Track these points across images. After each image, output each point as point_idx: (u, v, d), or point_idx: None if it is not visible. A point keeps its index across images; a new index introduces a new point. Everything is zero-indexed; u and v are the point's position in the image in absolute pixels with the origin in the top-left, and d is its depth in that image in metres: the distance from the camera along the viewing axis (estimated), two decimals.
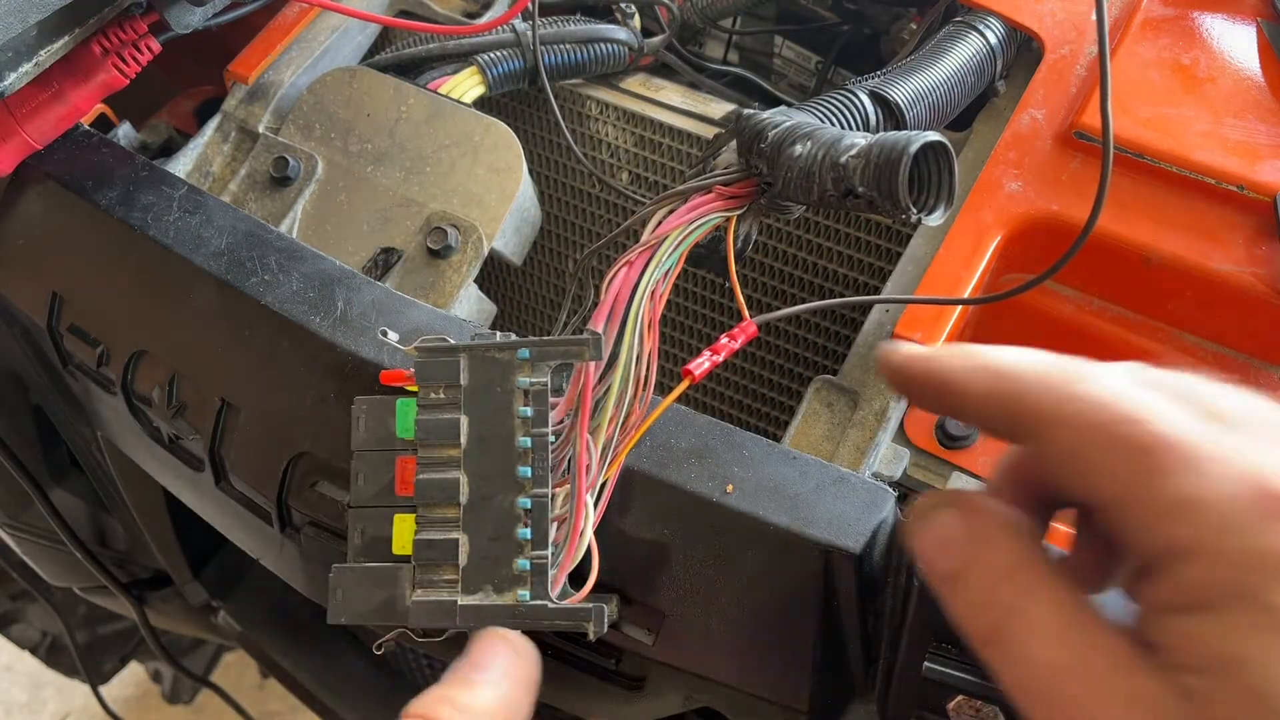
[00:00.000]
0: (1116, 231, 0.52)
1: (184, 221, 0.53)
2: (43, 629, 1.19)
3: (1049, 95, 0.58)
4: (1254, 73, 0.57)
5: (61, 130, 0.56)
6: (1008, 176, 0.55)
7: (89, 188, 0.55)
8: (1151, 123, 0.54)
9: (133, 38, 0.55)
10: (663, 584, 0.42)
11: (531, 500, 0.38)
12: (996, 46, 0.60)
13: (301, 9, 0.68)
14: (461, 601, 0.38)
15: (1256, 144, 0.53)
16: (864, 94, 0.52)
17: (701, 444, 0.43)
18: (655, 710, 0.49)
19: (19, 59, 0.50)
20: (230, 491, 0.53)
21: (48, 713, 1.53)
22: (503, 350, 0.39)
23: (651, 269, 0.41)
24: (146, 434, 0.56)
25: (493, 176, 0.60)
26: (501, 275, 0.78)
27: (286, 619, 0.81)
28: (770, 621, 0.42)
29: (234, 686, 1.34)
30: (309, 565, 0.52)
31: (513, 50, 0.65)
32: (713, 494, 0.42)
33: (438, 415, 0.39)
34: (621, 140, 0.68)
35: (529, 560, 0.37)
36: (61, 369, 0.59)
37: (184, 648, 1.22)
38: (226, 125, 0.66)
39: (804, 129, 0.44)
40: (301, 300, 0.49)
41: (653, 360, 0.40)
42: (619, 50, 0.68)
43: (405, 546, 0.39)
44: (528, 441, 0.38)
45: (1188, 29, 0.60)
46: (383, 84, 0.63)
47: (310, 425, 0.47)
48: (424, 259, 0.58)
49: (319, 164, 0.62)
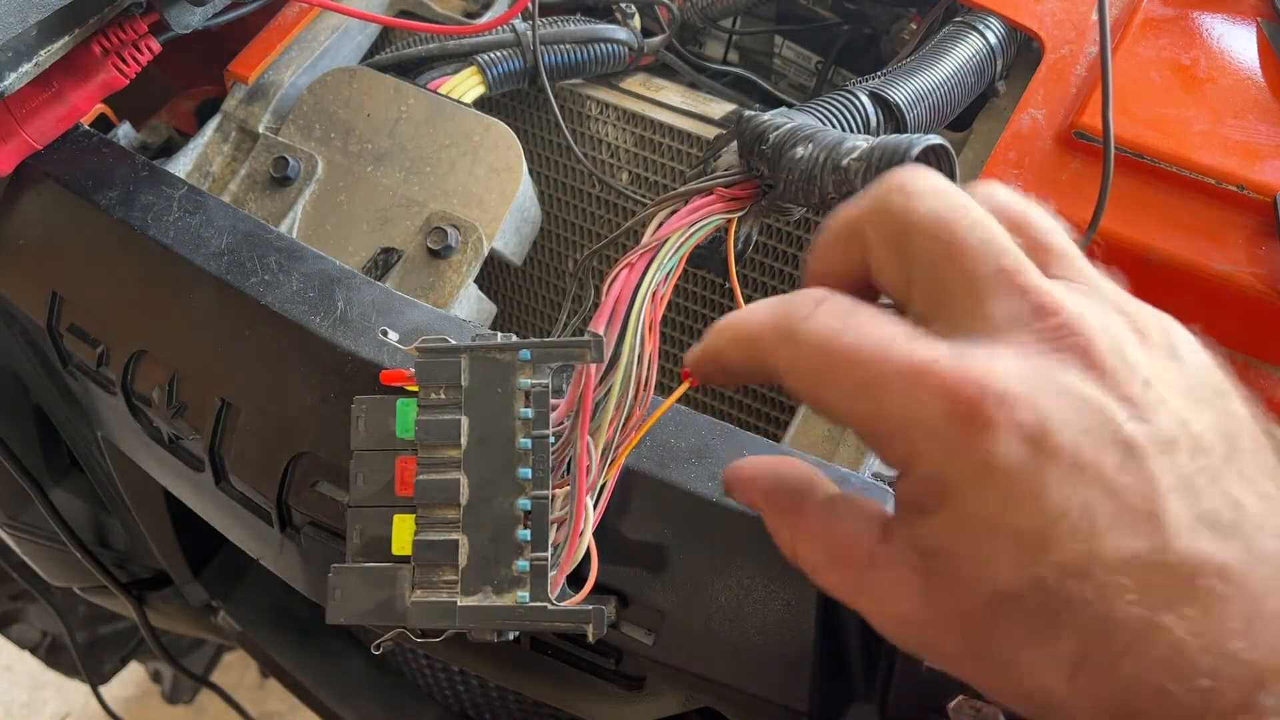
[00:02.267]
0: (1116, 231, 0.52)
1: (184, 221, 0.53)
2: (43, 629, 1.19)
3: (1049, 95, 0.58)
4: (1254, 73, 0.57)
5: (61, 130, 0.56)
6: (1008, 176, 0.55)
7: (89, 188, 0.55)
8: (1151, 123, 0.54)
9: (133, 38, 0.55)
10: (662, 584, 0.42)
11: (531, 502, 0.38)
12: (996, 46, 0.60)
13: (301, 9, 0.68)
14: (461, 602, 0.38)
15: (1256, 144, 0.53)
16: (864, 95, 0.52)
17: (702, 444, 0.43)
18: (655, 710, 0.49)
19: (19, 59, 0.50)
20: (230, 491, 0.53)
21: (48, 713, 1.53)
22: (504, 351, 0.39)
23: (653, 271, 0.41)
24: (146, 434, 0.56)
25: (493, 176, 0.60)
26: (501, 275, 0.78)
27: (286, 619, 0.80)
28: (770, 621, 0.42)
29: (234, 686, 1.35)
30: (309, 565, 0.52)
31: (513, 50, 0.65)
32: (713, 494, 0.42)
33: (438, 416, 0.39)
34: (621, 140, 0.68)
35: (529, 562, 0.37)
36: (61, 369, 0.59)
37: (184, 648, 1.22)
38: (226, 125, 0.66)
39: (805, 131, 0.44)
40: (301, 300, 0.49)
41: (654, 362, 0.40)
42: (619, 50, 0.68)
43: (405, 547, 0.39)
44: (528, 443, 0.38)
45: (1188, 29, 0.60)
46: (383, 84, 0.63)
47: (310, 425, 0.47)
48: (424, 259, 0.58)
49: (319, 164, 0.62)
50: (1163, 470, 0.26)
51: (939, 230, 0.28)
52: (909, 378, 0.27)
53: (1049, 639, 0.26)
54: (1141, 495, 0.25)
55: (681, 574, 0.42)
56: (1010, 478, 0.25)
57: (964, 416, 0.26)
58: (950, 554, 0.27)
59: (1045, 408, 0.26)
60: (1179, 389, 0.27)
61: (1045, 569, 0.25)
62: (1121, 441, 0.26)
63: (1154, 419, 0.26)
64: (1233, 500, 0.26)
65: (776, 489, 0.34)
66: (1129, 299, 0.30)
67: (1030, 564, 0.25)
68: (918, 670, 0.40)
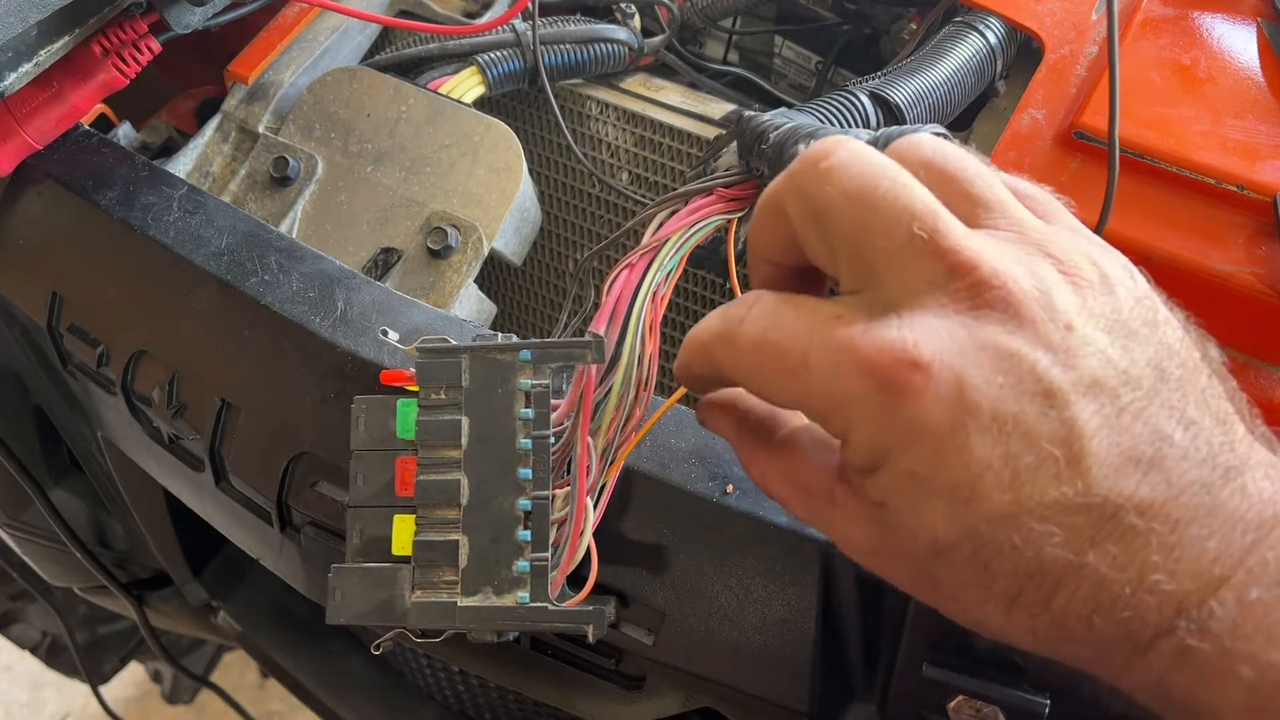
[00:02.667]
0: (1117, 231, 0.52)
1: (184, 221, 0.53)
2: (43, 629, 1.19)
3: (1049, 95, 0.58)
4: (1254, 73, 0.57)
5: (61, 130, 0.56)
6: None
7: (89, 188, 0.55)
8: (1152, 123, 0.54)
9: (133, 38, 0.55)
10: (662, 584, 0.42)
11: (532, 502, 0.38)
12: (996, 46, 0.60)
13: (301, 9, 0.68)
14: (461, 603, 0.38)
15: (1256, 144, 0.53)
16: (865, 95, 0.52)
17: (701, 444, 0.43)
18: (655, 710, 0.49)
19: (19, 59, 0.50)
20: (230, 491, 0.53)
21: (48, 713, 1.53)
22: (504, 352, 0.39)
23: (653, 271, 0.41)
24: (146, 434, 0.56)
25: (493, 176, 0.60)
26: (501, 275, 0.78)
27: (286, 619, 0.80)
28: (770, 621, 0.42)
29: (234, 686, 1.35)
30: (309, 565, 0.52)
31: (513, 50, 0.65)
32: (713, 494, 0.42)
33: (439, 416, 0.39)
34: (621, 140, 0.68)
35: (529, 562, 0.37)
36: (61, 369, 0.59)
37: (184, 648, 1.22)
38: (226, 125, 0.66)
39: (805, 130, 0.44)
40: (301, 300, 0.49)
41: (654, 362, 0.40)
42: (619, 50, 0.68)
43: (405, 547, 0.39)
44: (528, 443, 0.38)
45: (1188, 29, 0.60)
46: (383, 84, 0.63)
47: (310, 425, 0.47)
48: (424, 259, 0.58)
49: (319, 164, 0.62)
50: (1086, 414, 0.27)
51: (852, 203, 0.29)
52: (831, 359, 0.28)
53: (984, 581, 0.28)
54: (1063, 441, 0.26)
55: (681, 574, 0.42)
56: (936, 437, 0.27)
57: (885, 387, 0.27)
58: (893, 507, 0.29)
59: (961, 367, 0.27)
60: (1108, 325, 0.28)
61: (975, 520, 0.27)
62: (1042, 391, 0.27)
63: (1077, 363, 0.27)
64: (1158, 433, 0.27)
65: (745, 421, 0.36)
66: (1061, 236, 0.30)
67: (962, 516, 0.27)
68: (918, 670, 0.40)
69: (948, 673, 0.40)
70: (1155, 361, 0.28)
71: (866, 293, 0.29)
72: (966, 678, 0.40)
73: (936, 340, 0.27)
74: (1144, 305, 0.29)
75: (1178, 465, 0.26)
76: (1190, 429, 0.27)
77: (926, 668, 0.40)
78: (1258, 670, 0.25)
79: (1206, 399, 0.28)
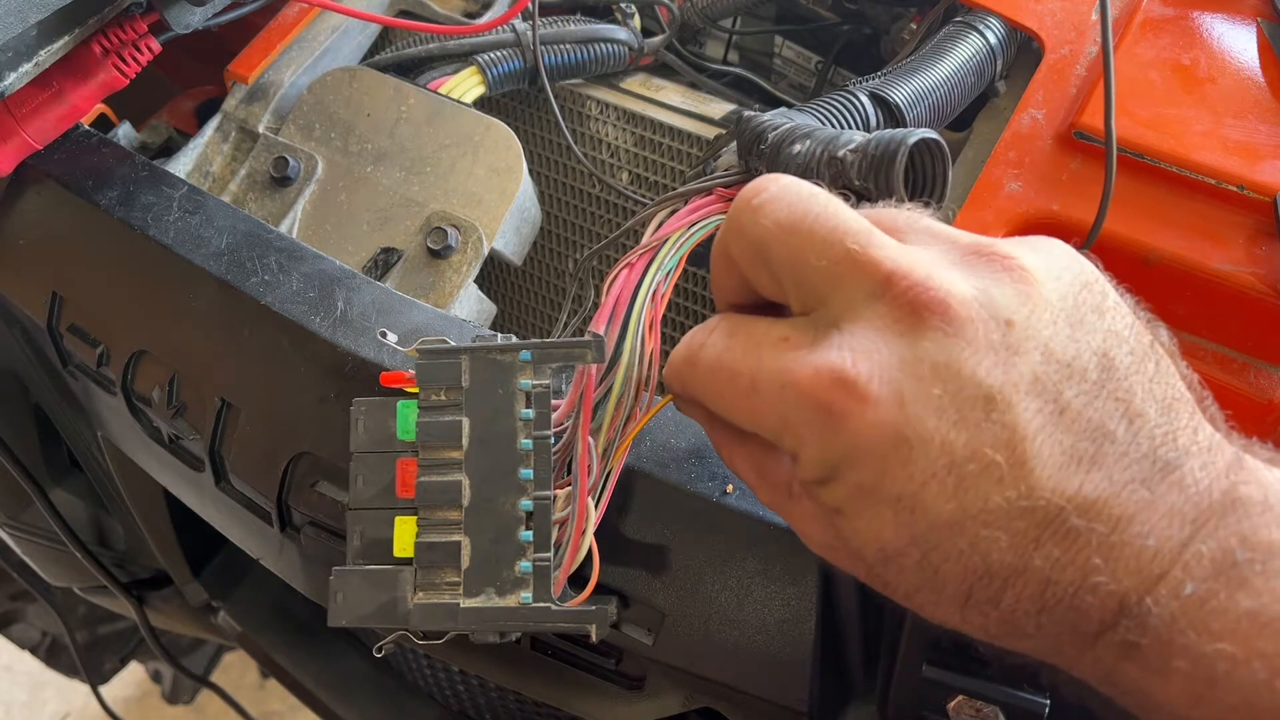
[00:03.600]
0: (1117, 231, 0.52)
1: (184, 221, 0.53)
2: (43, 629, 1.18)
3: (1049, 95, 0.58)
4: (1254, 73, 0.57)
5: (61, 130, 0.56)
6: (1008, 177, 0.55)
7: (89, 188, 0.55)
8: (1152, 123, 0.54)
9: (133, 38, 0.55)
10: (663, 584, 0.43)
11: (533, 503, 0.38)
12: (996, 46, 0.60)
13: (301, 9, 0.68)
14: (464, 604, 0.38)
15: (1256, 144, 0.53)
16: (864, 95, 0.52)
17: (701, 444, 0.43)
18: (655, 710, 0.49)
19: (19, 59, 0.50)
20: (230, 491, 0.53)
21: (48, 713, 1.53)
22: (504, 352, 0.39)
23: (653, 271, 0.41)
24: (146, 434, 0.56)
25: (493, 176, 0.60)
26: (501, 275, 0.78)
27: (286, 619, 0.80)
28: (770, 621, 0.42)
29: (234, 686, 1.35)
30: (309, 565, 0.52)
31: (513, 50, 0.65)
32: (713, 494, 0.42)
33: (439, 417, 0.39)
34: (621, 140, 0.68)
35: (531, 562, 0.37)
36: (61, 369, 0.59)
37: (184, 648, 1.22)
38: (226, 125, 0.66)
39: (804, 129, 0.44)
40: (301, 300, 0.49)
41: (654, 361, 0.40)
42: (619, 50, 0.68)
43: (406, 549, 0.39)
44: (529, 444, 0.38)
45: (1188, 29, 0.60)
46: (383, 84, 0.63)
47: (310, 425, 0.47)
48: (424, 259, 0.58)
49: (319, 164, 0.62)
50: (1027, 415, 0.27)
51: (787, 232, 0.30)
52: (776, 383, 0.29)
53: (935, 585, 0.29)
54: (1005, 444, 0.27)
55: (681, 574, 0.42)
56: (879, 453, 0.27)
57: (825, 409, 0.28)
58: (844, 514, 0.29)
59: (899, 381, 0.27)
60: (1053, 315, 0.28)
61: (921, 528, 0.28)
62: (982, 396, 0.27)
63: (1017, 361, 0.27)
64: (1100, 430, 0.27)
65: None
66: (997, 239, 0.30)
67: (909, 525, 0.28)
68: (917, 671, 0.40)
69: (948, 673, 0.40)
70: (1103, 350, 0.28)
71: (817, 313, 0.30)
72: (966, 678, 0.40)
73: (875, 355, 0.28)
74: (1091, 291, 0.29)
75: (1119, 462, 0.27)
76: (1135, 422, 0.27)
77: (926, 668, 0.40)
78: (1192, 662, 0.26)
79: (1153, 387, 0.28)
